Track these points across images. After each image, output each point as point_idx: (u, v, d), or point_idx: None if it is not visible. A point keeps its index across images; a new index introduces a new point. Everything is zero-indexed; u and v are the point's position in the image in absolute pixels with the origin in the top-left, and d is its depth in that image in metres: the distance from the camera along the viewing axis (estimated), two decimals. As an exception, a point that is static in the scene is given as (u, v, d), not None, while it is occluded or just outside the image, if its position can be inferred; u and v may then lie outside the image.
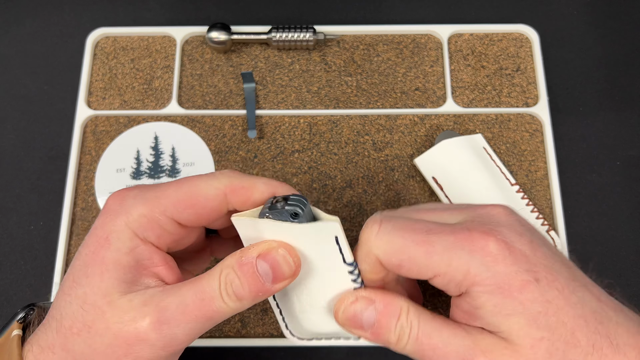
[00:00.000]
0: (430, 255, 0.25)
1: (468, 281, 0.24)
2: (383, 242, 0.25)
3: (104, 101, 0.46)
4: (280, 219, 0.24)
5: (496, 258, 0.24)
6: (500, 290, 0.24)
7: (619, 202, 0.44)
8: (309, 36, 0.46)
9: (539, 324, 0.24)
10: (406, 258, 0.25)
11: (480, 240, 0.25)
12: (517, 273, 0.24)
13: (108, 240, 0.25)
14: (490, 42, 0.47)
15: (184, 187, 0.26)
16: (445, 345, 0.25)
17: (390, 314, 0.26)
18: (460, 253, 0.24)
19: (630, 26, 0.49)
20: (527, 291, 0.24)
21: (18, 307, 0.41)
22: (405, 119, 0.45)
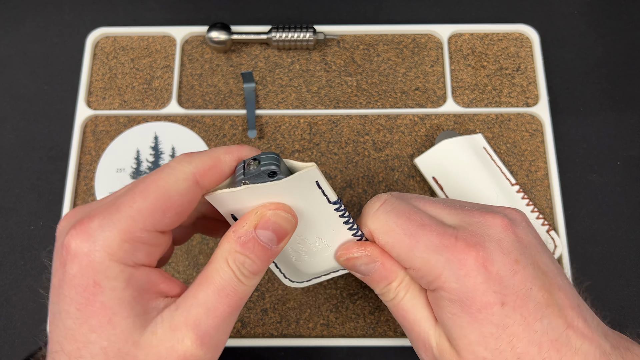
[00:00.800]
0: (411, 249, 0.26)
1: (436, 284, 0.26)
2: (377, 220, 0.27)
3: (104, 101, 0.46)
4: (259, 182, 0.24)
5: (469, 273, 0.25)
6: (461, 303, 0.25)
7: (619, 202, 0.44)
8: (309, 36, 0.46)
9: (487, 345, 0.25)
10: (391, 242, 0.27)
11: (461, 252, 0.26)
12: (483, 292, 0.25)
13: (98, 284, 0.22)
14: (490, 42, 0.47)
15: (150, 192, 0.23)
16: (412, 324, 0.28)
17: (384, 277, 0.28)
18: (438, 257, 0.26)
19: (630, 26, 0.49)
20: (487, 312, 0.25)
21: (18, 307, 0.41)
22: (405, 118, 0.45)
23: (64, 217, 0.25)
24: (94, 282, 0.22)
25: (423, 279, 0.27)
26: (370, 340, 0.39)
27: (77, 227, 0.22)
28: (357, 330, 0.39)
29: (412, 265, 0.27)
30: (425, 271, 0.26)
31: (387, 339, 0.39)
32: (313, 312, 0.40)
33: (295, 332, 0.40)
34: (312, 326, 0.40)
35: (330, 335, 0.39)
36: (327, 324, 0.40)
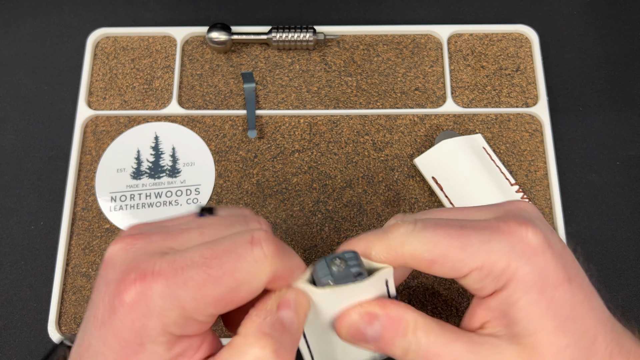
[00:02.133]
0: (466, 248, 0.23)
1: (507, 275, 0.23)
2: (418, 238, 0.24)
3: (105, 101, 0.46)
4: (344, 282, 0.23)
5: (536, 250, 0.23)
6: (537, 287, 0.23)
7: (619, 202, 0.44)
8: (309, 36, 0.46)
9: (567, 330, 0.23)
10: (439, 253, 0.23)
11: (518, 231, 0.23)
12: (555, 269, 0.23)
13: (142, 345, 0.22)
14: (490, 42, 0.47)
15: (223, 283, 0.22)
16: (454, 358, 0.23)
17: (396, 330, 0.24)
18: (499, 245, 0.23)
19: (630, 26, 0.49)
20: (561, 290, 0.23)
21: (18, 307, 0.41)
22: (405, 119, 0.45)
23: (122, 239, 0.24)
24: (140, 343, 0.22)
25: (488, 277, 0.23)
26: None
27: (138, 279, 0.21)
28: None
29: (473, 266, 0.23)
30: (490, 266, 0.23)
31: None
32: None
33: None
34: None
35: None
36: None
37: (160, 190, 0.43)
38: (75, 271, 0.41)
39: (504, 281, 0.23)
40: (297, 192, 0.43)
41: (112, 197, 0.43)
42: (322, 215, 0.42)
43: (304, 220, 0.42)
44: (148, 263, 0.22)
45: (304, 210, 0.42)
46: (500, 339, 0.24)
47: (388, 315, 0.24)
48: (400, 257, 0.24)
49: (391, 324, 0.24)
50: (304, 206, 0.42)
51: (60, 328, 0.40)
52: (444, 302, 0.40)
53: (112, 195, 0.43)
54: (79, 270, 0.41)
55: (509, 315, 0.23)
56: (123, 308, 0.21)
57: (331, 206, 0.42)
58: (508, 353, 0.23)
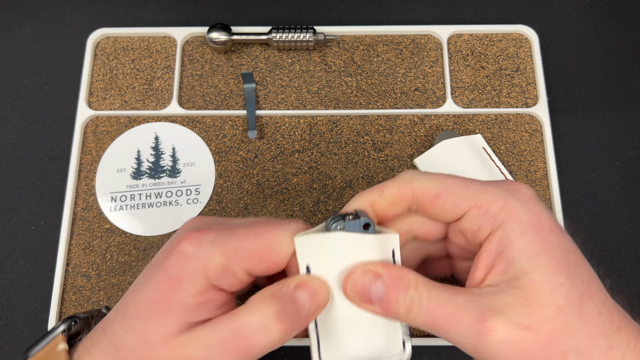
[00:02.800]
0: (468, 186, 0.26)
1: (504, 214, 0.25)
2: (425, 177, 0.27)
3: (105, 101, 0.46)
4: (353, 231, 0.26)
5: (530, 199, 0.25)
6: (532, 228, 0.24)
7: (619, 202, 0.44)
8: (309, 37, 0.46)
9: (562, 270, 0.24)
10: (445, 188, 0.26)
11: (513, 184, 0.26)
12: (548, 216, 0.25)
13: (180, 282, 0.25)
14: (489, 43, 0.47)
15: (261, 239, 0.26)
16: (458, 312, 0.24)
17: (399, 287, 0.25)
18: (497, 190, 0.25)
19: (630, 26, 0.49)
20: (556, 235, 0.25)
21: (18, 307, 0.41)
22: (405, 119, 0.45)
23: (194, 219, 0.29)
24: (179, 279, 0.25)
25: (486, 216, 0.25)
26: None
27: (194, 233, 0.26)
28: None
29: (473, 203, 0.25)
30: (489, 204, 0.25)
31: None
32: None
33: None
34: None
35: None
36: (327, 323, 0.40)
37: (160, 190, 0.43)
38: (76, 271, 0.41)
39: (500, 220, 0.25)
40: (297, 192, 0.43)
41: (113, 197, 0.43)
42: (322, 216, 0.42)
43: (304, 220, 0.42)
44: (206, 223, 0.27)
45: (304, 211, 0.42)
46: (498, 287, 0.25)
47: (391, 273, 0.26)
48: (409, 191, 0.26)
49: (394, 281, 0.25)
50: (304, 206, 0.43)
51: (60, 328, 0.40)
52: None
53: (113, 196, 0.43)
54: (79, 270, 0.41)
55: (506, 257, 0.25)
56: (177, 249, 0.25)
57: (331, 206, 0.43)
58: (507, 297, 0.24)
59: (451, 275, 0.34)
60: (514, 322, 0.23)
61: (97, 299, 0.41)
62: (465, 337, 0.24)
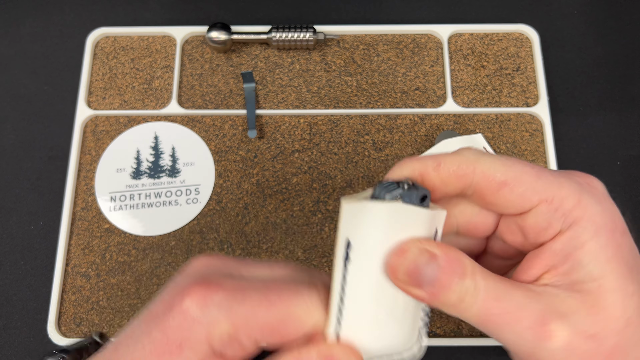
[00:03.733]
0: (540, 177, 0.22)
1: (577, 213, 0.22)
2: (491, 159, 0.23)
3: (104, 101, 0.46)
4: (410, 202, 0.22)
5: (604, 196, 0.23)
6: (606, 230, 0.22)
7: (619, 202, 0.43)
8: (309, 36, 0.46)
9: (634, 277, 0.22)
10: (513, 176, 0.22)
11: (586, 178, 0.23)
12: (620, 217, 0.22)
13: (181, 348, 0.22)
14: (490, 42, 0.47)
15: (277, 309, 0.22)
16: (517, 309, 0.21)
17: (454, 272, 0.22)
18: (569, 183, 0.22)
19: (630, 26, 0.49)
20: (627, 238, 0.22)
21: (17, 307, 0.41)
22: (405, 118, 0.45)
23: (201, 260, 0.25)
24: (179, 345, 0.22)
25: (557, 213, 0.22)
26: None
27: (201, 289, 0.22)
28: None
29: (543, 197, 0.22)
30: (561, 199, 0.22)
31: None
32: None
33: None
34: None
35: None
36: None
37: (160, 190, 0.43)
38: (75, 271, 0.41)
39: (572, 219, 0.22)
40: (297, 192, 0.43)
41: (112, 197, 0.43)
42: (322, 215, 0.42)
43: (304, 220, 0.42)
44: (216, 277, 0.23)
45: (304, 210, 0.42)
46: (559, 288, 0.22)
47: (448, 255, 0.22)
48: (470, 173, 0.23)
49: (450, 265, 0.22)
50: (304, 206, 0.42)
51: (59, 328, 0.40)
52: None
53: (112, 195, 0.43)
54: (78, 270, 0.41)
55: (573, 259, 0.22)
56: (179, 307, 0.22)
57: (331, 206, 0.42)
58: (571, 300, 0.22)
59: None
60: (578, 329, 0.21)
61: (96, 298, 0.40)
62: (521, 339, 0.21)
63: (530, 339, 0.21)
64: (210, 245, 0.42)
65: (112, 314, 0.40)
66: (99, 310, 0.40)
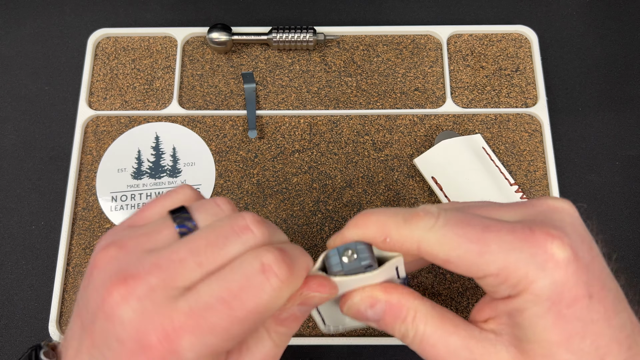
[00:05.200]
0: (482, 255, 0.23)
1: (522, 286, 0.23)
2: (436, 236, 0.23)
3: (105, 101, 0.46)
4: (354, 272, 0.24)
5: (558, 264, 0.22)
6: (550, 302, 0.22)
7: (619, 202, 0.44)
8: (309, 37, 0.46)
9: (570, 346, 0.22)
10: (456, 256, 0.23)
11: (544, 242, 0.22)
12: (574, 285, 0.22)
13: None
14: (489, 43, 0.47)
15: (249, 319, 0.22)
16: (449, 355, 0.24)
17: (395, 316, 0.25)
18: (519, 255, 0.22)
19: (630, 26, 0.49)
20: (576, 307, 0.22)
21: (19, 307, 0.41)
22: (404, 119, 0.45)
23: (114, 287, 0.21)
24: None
25: (503, 285, 0.23)
26: (371, 339, 0.39)
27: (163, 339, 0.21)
28: (357, 329, 0.40)
29: (487, 272, 0.23)
30: (506, 275, 0.23)
31: (387, 338, 0.39)
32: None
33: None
34: (312, 325, 0.40)
35: (330, 334, 0.40)
36: (327, 323, 0.40)
37: (160, 190, 0.43)
38: (76, 271, 0.41)
39: (518, 290, 0.23)
40: (297, 192, 0.43)
41: (113, 197, 0.43)
42: (322, 215, 0.42)
43: (304, 220, 0.42)
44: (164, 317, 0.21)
45: (304, 210, 0.42)
46: (501, 338, 0.24)
47: (389, 302, 0.25)
48: (414, 250, 0.24)
49: (391, 310, 0.25)
50: (304, 206, 0.43)
51: (61, 327, 0.40)
52: (443, 302, 0.40)
53: (113, 195, 0.43)
54: (79, 269, 0.41)
55: (515, 320, 0.23)
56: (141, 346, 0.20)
57: (331, 206, 0.43)
58: (505, 354, 0.23)
59: None
60: None
61: (97, 298, 0.41)
62: None
63: None
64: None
65: (113, 313, 0.40)
66: (100, 309, 0.40)
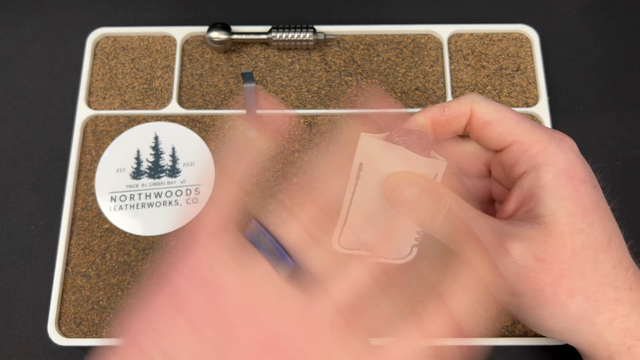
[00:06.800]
0: (519, 122, 0.27)
1: (542, 156, 0.27)
2: (486, 102, 0.28)
3: (104, 101, 0.46)
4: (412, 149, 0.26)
5: (572, 150, 0.27)
6: (566, 174, 0.26)
7: (619, 202, 0.44)
8: (309, 36, 0.46)
9: (585, 218, 0.26)
10: (497, 118, 0.28)
11: (560, 134, 0.28)
12: (582, 169, 0.27)
13: None
14: (490, 42, 0.47)
15: None
16: (479, 230, 0.26)
17: (430, 195, 0.26)
18: (544, 134, 0.27)
19: (630, 26, 0.49)
20: (587, 187, 0.26)
21: (17, 307, 0.41)
22: (405, 118, 0.45)
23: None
24: None
25: (525, 154, 0.27)
26: (371, 339, 0.39)
27: None
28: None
29: (517, 139, 0.27)
30: (531, 143, 0.27)
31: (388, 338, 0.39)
32: (313, 311, 0.40)
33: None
34: (312, 326, 0.40)
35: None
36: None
37: (160, 190, 0.43)
38: (75, 271, 0.41)
39: (537, 162, 0.27)
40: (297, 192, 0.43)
41: (112, 197, 0.43)
42: (322, 215, 0.42)
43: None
44: None
45: (304, 210, 0.42)
46: (525, 222, 0.27)
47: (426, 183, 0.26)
48: (468, 111, 0.28)
49: (426, 190, 0.26)
50: (304, 206, 0.42)
51: (60, 328, 0.40)
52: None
53: (112, 195, 0.43)
54: (78, 270, 0.41)
55: (536, 195, 0.26)
56: None
57: (331, 206, 0.42)
58: (530, 230, 0.26)
59: None
60: (530, 252, 0.25)
61: (96, 298, 0.40)
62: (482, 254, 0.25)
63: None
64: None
65: (112, 314, 0.40)
66: (99, 310, 0.40)
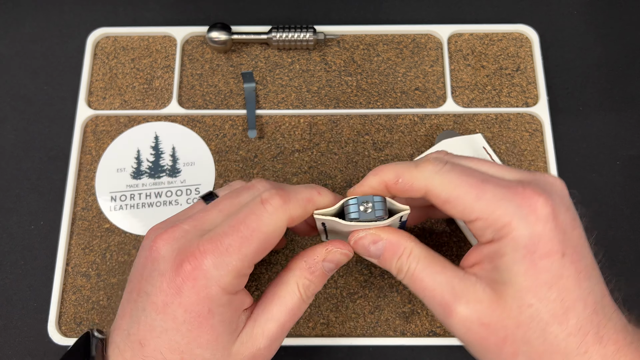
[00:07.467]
0: (478, 199, 0.27)
1: (505, 231, 0.26)
2: (441, 179, 0.28)
3: (105, 101, 0.46)
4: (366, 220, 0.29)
5: (539, 219, 0.26)
6: (526, 250, 0.26)
7: (619, 202, 0.44)
8: (309, 36, 0.46)
9: (538, 293, 0.26)
10: (455, 195, 0.27)
11: (531, 198, 0.26)
12: (549, 240, 0.26)
13: (211, 311, 0.27)
14: (490, 42, 0.47)
15: (254, 239, 0.27)
16: (434, 288, 0.28)
17: (393, 252, 0.29)
18: (508, 205, 0.26)
19: (630, 26, 0.49)
20: (549, 260, 0.26)
21: (18, 307, 0.41)
22: (405, 118, 0.45)
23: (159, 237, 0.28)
24: (209, 310, 0.27)
25: (489, 228, 0.27)
26: (370, 339, 0.39)
27: (192, 263, 0.27)
28: (357, 329, 0.40)
29: (479, 215, 0.27)
30: (494, 219, 0.26)
31: (387, 339, 0.39)
32: (313, 311, 0.40)
33: (295, 331, 0.40)
34: (312, 325, 0.40)
35: (330, 334, 0.39)
36: (327, 323, 0.40)
37: (160, 190, 0.43)
38: (75, 271, 0.41)
39: (501, 235, 0.26)
40: (297, 191, 0.43)
41: (112, 197, 0.43)
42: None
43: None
44: (192, 246, 0.27)
45: (304, 210, 0.42)
46: (481, 280, 0.27)
47: (389, 240, 0.30)
48: (422, 189, 0.29)
49: (390, 247, 0.30)
50: (304, 206, 0.42)
51: (60, 328, 0.40)
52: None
53: (112, 195, 0.43)
54: (78, 270, 0.41)
55: (495, 263, 0.27)
56: (186, 286, 0.26)
57: (331, 206, 0.42)
58: (481, 293, 0.27)
59: None
60: (475, 316, 0.27)
61: (96, 298, 0.40)
62: (435, 311, 0.29)
63: (441, 312, 0.28)
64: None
65: (112, 313, 0.40)
66: (99, 310, 0.40)
